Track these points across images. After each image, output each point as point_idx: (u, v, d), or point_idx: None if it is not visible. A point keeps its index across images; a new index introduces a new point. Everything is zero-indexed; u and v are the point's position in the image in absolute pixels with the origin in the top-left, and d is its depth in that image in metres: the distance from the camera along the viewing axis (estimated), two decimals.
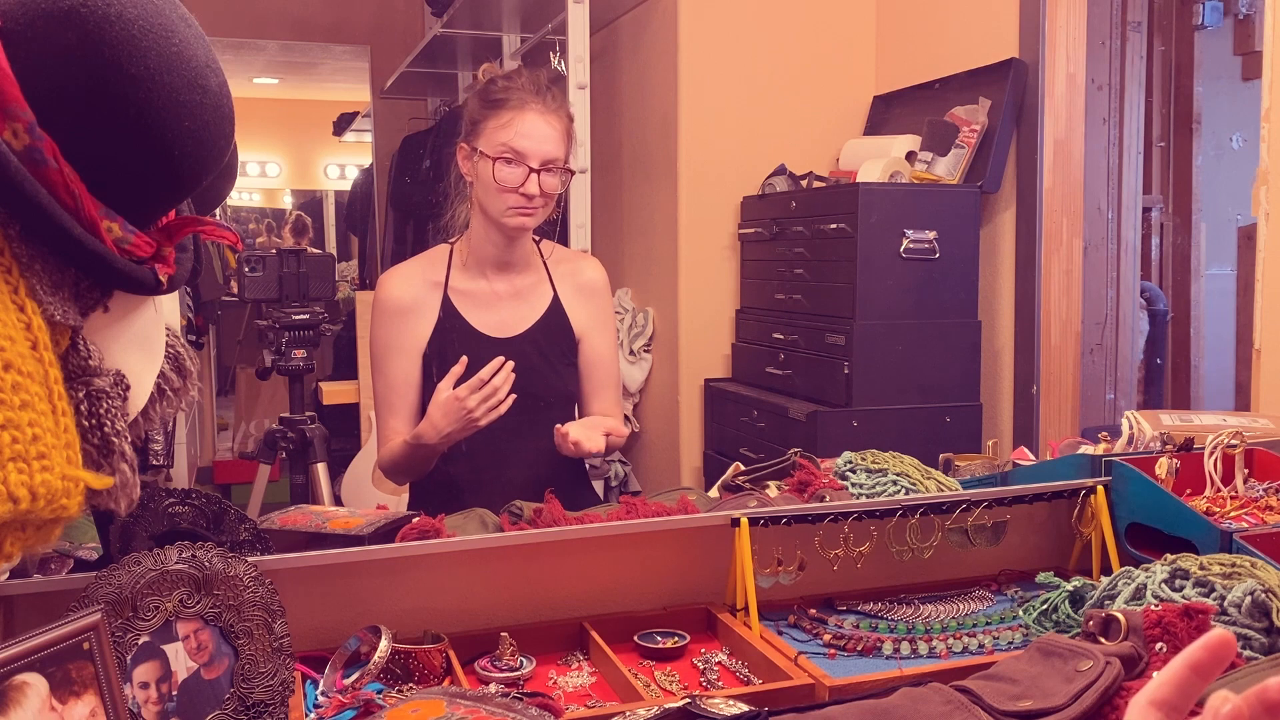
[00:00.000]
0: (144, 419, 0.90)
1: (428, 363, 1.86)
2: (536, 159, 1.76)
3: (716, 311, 3.26)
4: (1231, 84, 3.87)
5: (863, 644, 1.28)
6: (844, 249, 2.66)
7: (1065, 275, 2.73)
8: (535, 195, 1.77)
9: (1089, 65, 2.76)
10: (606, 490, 3.37)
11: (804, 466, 1.57)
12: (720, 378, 3.25)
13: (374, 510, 1.48)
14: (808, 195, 2.90)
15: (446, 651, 1.22)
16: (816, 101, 3.28)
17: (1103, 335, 3.02)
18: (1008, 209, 2.78)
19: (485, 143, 1.79)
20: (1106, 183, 3.07)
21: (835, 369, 2.66)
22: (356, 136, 5.98)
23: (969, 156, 2.77)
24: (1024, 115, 2.71)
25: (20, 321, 0.72)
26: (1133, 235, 3.11)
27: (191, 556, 1.07)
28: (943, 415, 2.68)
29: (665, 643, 1.31)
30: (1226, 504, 1.45)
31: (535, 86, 1.81)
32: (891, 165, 2.78)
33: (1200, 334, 3.85)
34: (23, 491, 0.69)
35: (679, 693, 1.17)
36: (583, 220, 3.07)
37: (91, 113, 0.75)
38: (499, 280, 1.89)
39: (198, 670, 1.05)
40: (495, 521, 1.45)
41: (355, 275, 5.86)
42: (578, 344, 1.94)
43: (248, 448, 5.31)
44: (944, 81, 2.98)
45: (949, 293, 2.70)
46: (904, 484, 1.53)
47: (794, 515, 1.37)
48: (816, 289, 2.78)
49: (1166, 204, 3.87)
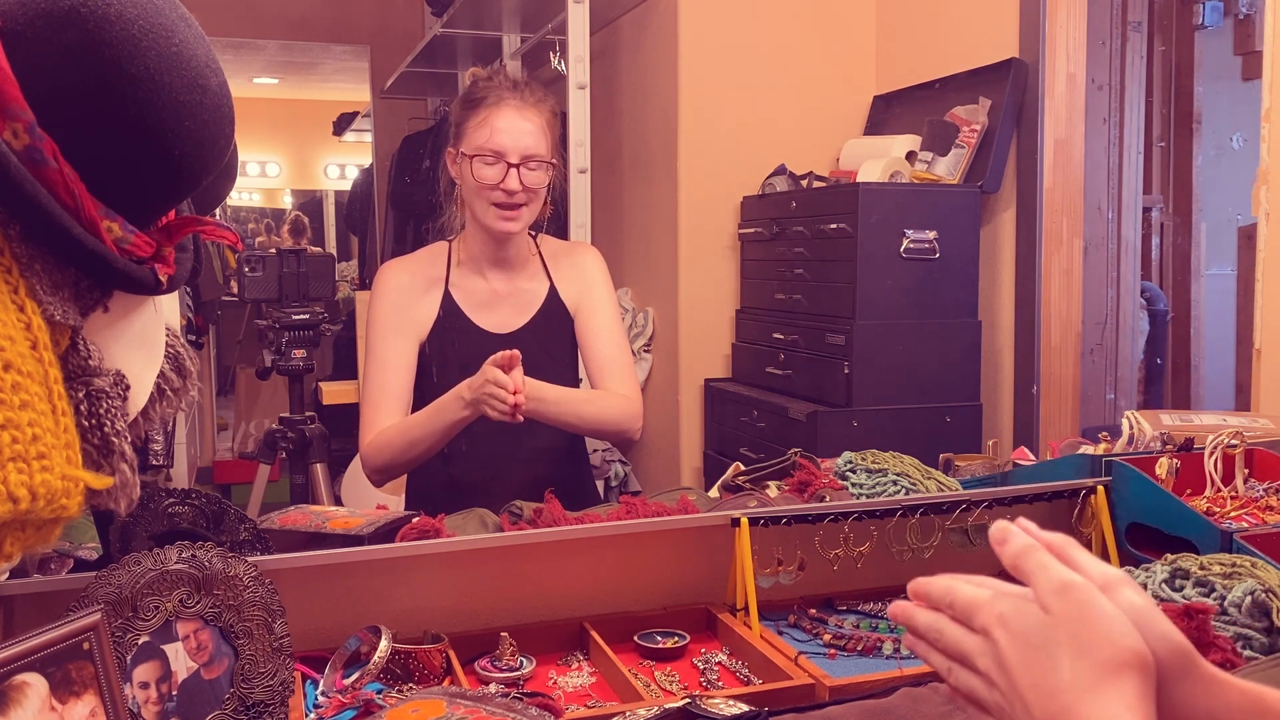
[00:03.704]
0: (144, 419, 0.90)
1: (426, 359, 1.85)
2: (515, 154, 1.75)
3: (716, 311, 3.26)
4: (1231, 84, 3.87)
5: (863, 644, 1.28)
6: (844, 249, 2.66)
7: (1065, 275, 2.73)
8: (516, 190, 1.75)
9: (1089, 65, 2.76)
10: (606, 490, 3.36)
11: (804, 466, 1.57)
12: (720, 378, 3.25)
13: (374, 510, 1.48)
14: (808, 195, 2.90)
15: (446, 651, 1.22)
16: (816, 101, 3.28)
17: (1103, 335, 3.02)
18: (1008, 209, 2.78)
19: (466, 144, 1.78)
20: (1106, 183, 3.07)
21: (835, 369, 2.66)
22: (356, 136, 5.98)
23: (969, 156, 2.77)
24: (1024, 115, 2.71)
25: (20, 321, 0.72)
26: (1133, 235, 3.11)
27: (191, 556, 1.07)
28: (943, 415, 2.68)
29: (665, 643, 1.31)
30: (1227, 504, 1.45)
31: (511, 83, 1.80)
32: (892, 165, 2.78)
33: (1200, 334, 3.85)
34: (23, 491, 0.69)
35: (679, 693, 1.17)
36: (583, 220, 3.07)
37: (91, 113, 0.75)
38: (497, 278, 1.89)
39: (198, 670, 1.05)
40: (495, 521, 1.45)
41: (355, 275, 5.86)
42: (574, 325, 1.90)
43: (248, 448, 5.31)
44: (944, 81, 2.98)
45: (949, 293, 2.70)
46: (904, 484, 1.53)
47: (794, 515, 1.37)
48: (816, 289, 2.78)
49: (1166, 204, 3.87)
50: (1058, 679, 0.58)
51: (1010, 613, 0.61)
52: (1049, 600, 0.60)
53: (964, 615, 0.65)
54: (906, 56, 3.18)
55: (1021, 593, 0.63)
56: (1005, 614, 0.62)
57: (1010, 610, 0.62)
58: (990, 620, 0.62)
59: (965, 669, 0.64)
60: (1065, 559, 0.63)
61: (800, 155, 3.15)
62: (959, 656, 0.65)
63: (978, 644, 0.63)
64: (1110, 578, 0.62)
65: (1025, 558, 0.63)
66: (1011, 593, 0.63)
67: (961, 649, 0.64)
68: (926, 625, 0.67)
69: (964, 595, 0.65)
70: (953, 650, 0.65)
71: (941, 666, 0.67)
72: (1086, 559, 0.64)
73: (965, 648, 0.64)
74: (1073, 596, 0.60)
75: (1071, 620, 0.59)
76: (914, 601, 0.69)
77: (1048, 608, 0.60)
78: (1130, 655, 0.58)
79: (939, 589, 0.67)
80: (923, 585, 0.68)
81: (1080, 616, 0.59)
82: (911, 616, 0.69)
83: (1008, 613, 0.62)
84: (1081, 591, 0.60)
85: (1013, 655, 0.60)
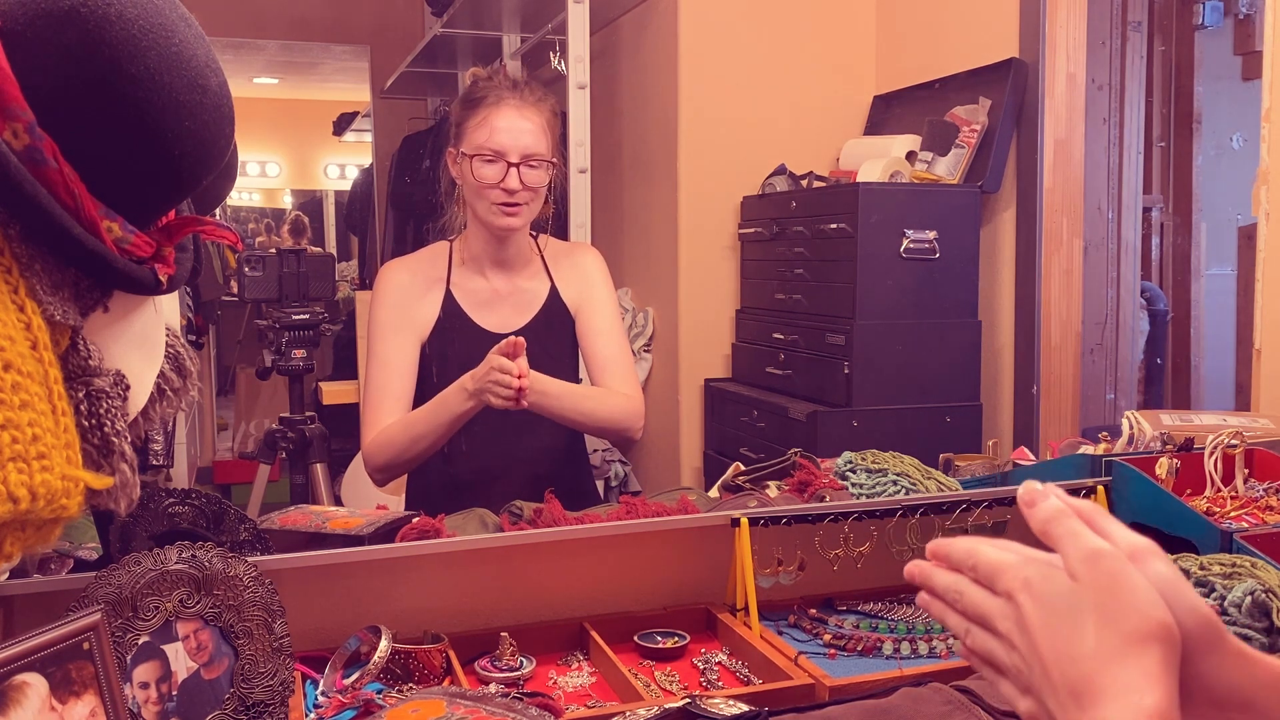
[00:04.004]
0: (144, 419, 0.90)
1: (427, 359, 1.85)
2: (515, 153, 1.75)
3: (716, 311, 3.26)
4: (1231, 84, 3.87)
5: (863, 644, 1.28)
6: (844, 249, 2.66)
7: (1065, 275, 2.73)
8: (517, 189, 1.75)
9: (1089, 65, 2.76)
10: (606, 490, 3.36)
11: (804, 466, 1.57)
12: (720, 378, 3.25)
13: (374, 510, 1.48)
14: (808, 195, 2.90)
15: (446, 651, 1.22)
16: (816, 101, 3.28)
17: (1103, 335, 3.01)
18: (1008, 209, 2.78)
19: (466, 143, 1.79)
20: (1106, 183, 3.06)
21: (835, 369, 2.66)
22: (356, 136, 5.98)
23: (969, 156, 2.77)
24: (1024, 115, 2.71)
25: (20, 321, 0.72)
26: (1133, 235, 3.11)
27: (191, 556, 1.07)
28: (943, 415, 2.68)
29: (665, 643, 1.31)
30: (1226, 504, 1.45)
31: (511, 82, 1.81)
32: (892, 165, 2.78)
33: (1200, 334, 3.85)
34: (23, 491, 0.69)
35: (679, 693, 1.17)
36: (583, 220, 3.06)
37: (92, 113, 0.75)
38: (498, 278, 1.89)
39: (198, 670, 1.05)
40: (495, 521, 1.45)
41: (355, 275, 5.86)
42: (575, 325, 1.91)
43: (248, 448, 5.31)
44: (944, 81, 2.98)
45: (949, 293, 2.70)
46: (904, 484, 1.53)
47: (794, 515, 1.37)
48: (816, 289, 2.78)
49: (1166, 204, 3.87)
50: (1081, 646, 0.58)
51: (1036, 578, 0.61)
52: (1078, 568, 0.60)
53: (987, 578, 0.64)
54: (906, 56, 3.18)
55: (1048, 558, 0.62)
56: (1031, 579, 0.61)
57: (1036, 575, 0.61)
58: (1015, 584, 0.62)
59: (984, 631, 0.64)
60: (1095, 526, 0.63)
61: (800, 155, 3.15)
62: (979, 618, 0.64)
63: (1000, 606, 0.63)
64: (1139, 547, 0.62)
65: (1056, 523, 0.62)
66: (1038, 558, 0.63)
67: (982, 611, 0.64)
68: (945, 586, 0.67)
69: (988, 558, 0.64)
70: (972, 612, 0.65)
71: (959, 628, 0.66)
72: (1116, 527, 0.63)
73: (986, 610, 0.64)
74: (1102, 565, 0.59)
75: (1100, 589, 0.59)
76: (933, 562, 0.69)
77: (1076, 575, 0.60)
78: (1157, 627, 0.57)
79: (961, 550, 0.66)
80: (943, 546, 0.68)
81: (1109, 586, 0.59)
82: (929, 576, 0.68)
83: (1034, 578, 0.61)
84: (1111, 561, 0.60)
85: (1036, 620, 0.60)
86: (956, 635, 0.67)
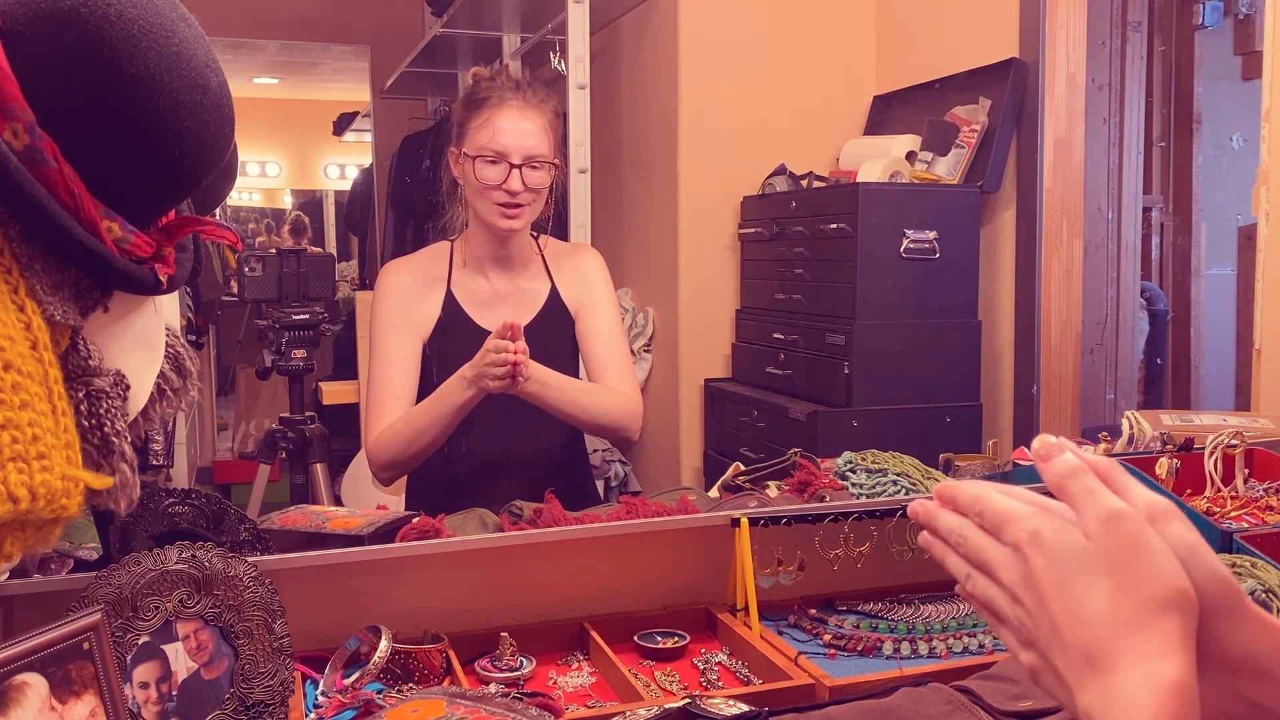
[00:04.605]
0: (144, 419, 0.89)
1: (428, 358, 1.85)
2: (517, 155, 1.75)
3: (716, 311, 3.26)
4: (1231, 84, 3.87)
5: (863, 644, 1.28)
6: (844, 249, 2.66)
7: (1065, 275, 2.73)
8: (519, 191, 1.76)
9: (1089, 65, 2.76)
10: (606, 490, 3.36)
11: (804, 466, 1.57)
12: (720, 378, 3.25)
13: (374, 510, 1.48)
14: (808, 195, 2.90)
15: (446, 651, 1.22)
16: (816, 101, 3.28)
17: (1103, 335, 3.02)
18: (1008, 209, 2.78)
19: (469, 144, 1.79)
20: (1106, 183, 3.07)
21: (835, 369, 2.66)
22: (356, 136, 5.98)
23: (969, 156, 2.77)
24: (1024, 115, 2.71)
25: (20, 321, 0.72)
26: (1133, 235, 3.11)
27: (191, 556, 1.07)
28: (943, 415, 2.68)
29: (665, 643, 1.31)
30: (1227, 504, 1.45)
31: (514, 83, 1.81)
32: (892, 165, 2.78)
33: (1200, 334, 3.85)
34: (23, 491, 0.69)
35: (679, 693, 1.17)
36: (583, 220, 3.06)
37: (92, 113, 0.75)
38: (499, 278, 1.89)
39: (198, 670, 1.05)
40: (495, 521, 1.45)
41: (355, 275, 5.86)
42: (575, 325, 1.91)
43: (248, 448, 5.31)
44: (944, 81, 2.98)
45: (949, 293, 2.70)
46: (904, 484, 1.53)
47: (794, 515, 1.37)
48: (816, 289, 2.79)
49: (1166, 204, 3.87)
50: (1095, 609, 0.56)
51: (1048, 532, 0.59)
52: (1094, 528, 0.57)
53: (994, 526, 0.62)
54: (906, 56, 3.18)
55: (1061, 510, 0.60)
56: (1041, 532, 0.59)
57: (1048, 529, 0.59)
58: (1023, 536, 0.59)
59: (986, 579, 0.62)
60: (1112, 484, 0.60)
61: (800, 155, 3.16)
62: (981, 565, 0.62)
63: (1005, 556, 0.60)
64: (1158, 508, 0.59)
65: (1072, 480, 0.60)
66: (1050, 508, 0.60)
67: (985, 558, 0.62)
68: (949, 528, 0.65)
69: (997, 505, 0.62)
70: (975, 558, 0.63)
71: (959, 571, 0.64)
72: (1134, 485, 0.61)
73: (990, 557, 0.61)
74: (1120, 528, 0.57)
75: (1117, 551, 0.56)
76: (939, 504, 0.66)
77: (1091, 535, 0.57)
78: (1176, 594, 0.55)
79: (969, 495, 0.64)
80: (950, 489, 0.65)
81: (1127, 549, 0.56)
82: (934, 516, 0.66)
83: (1045, 531, 0.59)
84: (1131, 523, 0.57)
85: (1046, 577, 0.58)
86: (956, 577, 0.65)
